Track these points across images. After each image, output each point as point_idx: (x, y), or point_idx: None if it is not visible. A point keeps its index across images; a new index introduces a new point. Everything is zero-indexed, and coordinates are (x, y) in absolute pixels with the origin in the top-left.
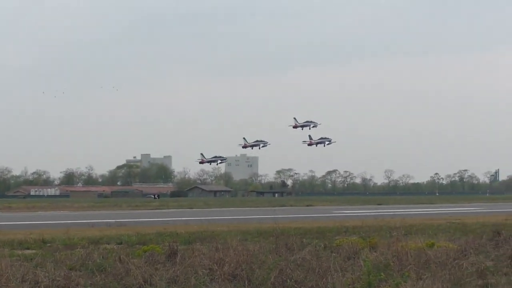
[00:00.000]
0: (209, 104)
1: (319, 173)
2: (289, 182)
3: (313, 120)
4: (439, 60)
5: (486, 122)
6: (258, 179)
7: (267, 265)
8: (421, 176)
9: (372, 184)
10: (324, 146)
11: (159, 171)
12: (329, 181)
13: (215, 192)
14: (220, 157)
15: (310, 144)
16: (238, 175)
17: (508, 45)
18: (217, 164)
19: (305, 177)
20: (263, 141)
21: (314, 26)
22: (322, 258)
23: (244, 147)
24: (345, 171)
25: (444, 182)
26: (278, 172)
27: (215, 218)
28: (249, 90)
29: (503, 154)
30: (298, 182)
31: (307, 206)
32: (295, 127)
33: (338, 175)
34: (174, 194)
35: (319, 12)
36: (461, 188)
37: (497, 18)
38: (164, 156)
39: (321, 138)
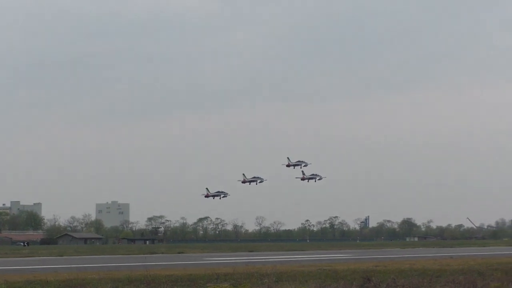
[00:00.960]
0: (79, 150)
1: (190, 220)
2: (161, 229)
3: (304, 160)
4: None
5: (356, 170)
6: (130, 226)
7: None
8: (292, 223)
9: (244, 231)
10: (315, 181)
11: (29, 218)
12: (200, 228)
13: (85, 239)
14: (223, 192)
15: (303, 179)
16: (109, 222)
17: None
18: (220, 198)
19: (177, 224)
20: (260, 178)
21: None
22: None
23: (243, 182)
24: (217, 218)
25: (315, 228)
26: (150, 219)
27: (86, 266)
28: (123, 137)
29: (372, 202)
30: (170, 229)
31: (179, 253)
32: (288, 165)
33: (209, 222)
34: (44, 242)
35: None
36: (332, 235)
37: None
38: (34, 203)
39: (313, 174)
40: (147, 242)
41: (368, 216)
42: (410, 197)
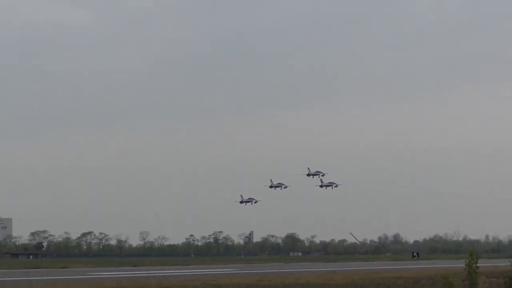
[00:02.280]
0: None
1: (74, 235)
2: (44, 243)
3: (321, 171)
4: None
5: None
6: (12, 241)
7: None
8: (176, 238)
9: (128, 245)
10: (332, 188)
11: None
12: (84, 243)
13: None
14: (253, 199)
15: (321, 186)
16: None
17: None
18: (252, 204)
19: (60, 239)
20: (283, 184)
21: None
22: None
23: (271, 187)
24: (100, 233)
25: (200, 243)
26: (33, 233)
27: None
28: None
29: (256, 217)
30: (53, 243)
31: (62, 267)
32: (308, 175)
33: (93, 236)
34: None
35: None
36: (216, 250)
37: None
38: None
39: (330, 182)
40: (31, 256)
41: (253, 231)
42: (294, 212)
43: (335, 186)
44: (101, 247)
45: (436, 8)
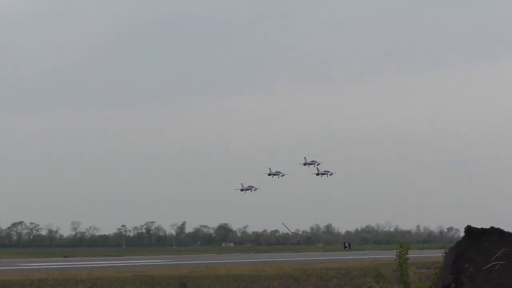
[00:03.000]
0: None
1: (4, 225)
2: None
3: (317, 160)
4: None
5: (173, 176)
6: None
7: None
8: (108, 228)
9: (59, 236)
10: (328, 176)
11: None
12: (14, 233)
13: None
14: (253, 187)
15: (317, 174)
16: None
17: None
18: (251, 191)
19: None
20: (281, 172)
21: None
22: None
23: (269, 174)
24: (31, 223)
25: (131, 234)
26: None
27: None
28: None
29: (189, 207)
30: None
31: None
32: (305, 164)
33: (24, 227)
34: None
35: None
36: (148, 240)
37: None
38: None
39: (325, 171)
40: None
41: (185, 221)
42: (226, 202)
43: (330, 174)
44: (31, 237)
45: None
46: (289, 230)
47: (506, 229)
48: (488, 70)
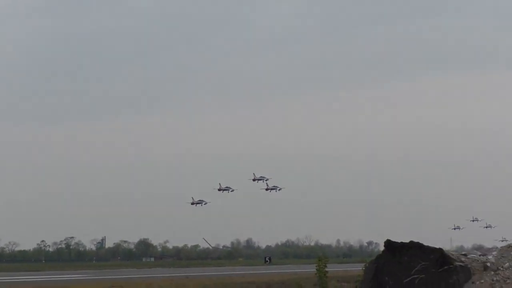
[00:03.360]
0: None
1: None
2: None
3: (265, 176)
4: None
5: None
6: None
7: None
8: (27, 244)
9: None
10: (276, 191)
11: None
12: None
13: None
14: (230, 187)
15: (267, 189)
16: None
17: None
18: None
19: None
20: (230, 187)
21: None
22: None
23: (220, 190)
24: None
25: (51, 249)
26: None
27: None
28: None
29: (109, 222)
30: None
31: None
32: (254, 180)
33: None
34: None
35: None
36: (68, 256)
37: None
38: None
39: (274, 186)
40: None
41: (105, 237)
42: (147, 217)
43: (279, 190)
44: None
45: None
46: (210, 245)
47: (425, 243)
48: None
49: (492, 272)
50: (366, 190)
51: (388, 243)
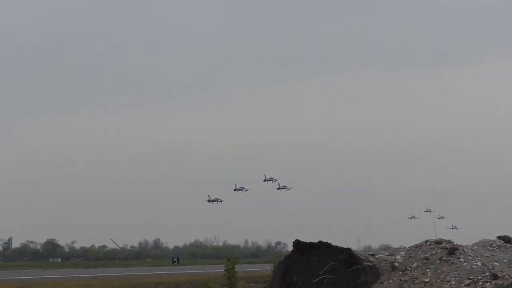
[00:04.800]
0: None
1: None
2: None
3: (274, 177)
4: None
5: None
6: None
7: None
8: None
9: None
10: (286, 190)
11: None
12: None
13: None
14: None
15: (278, 188)
16: None
17: None
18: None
19: None
20: (244, 187)
21: None
22: None
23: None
24: None
25: None
26: None
27: None
28: None
29: (15, 222)
30: None
31: None
32: (264, 180)
33: None
34: None
35: None
36: None
37: None
38: None
39: (284, 185)
40: None
41: (11, 237)
42: (54, 217)
43: (288, 189)
44: None
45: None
46: (117, 245)
47: (334, 243)
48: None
49: (400, 272)
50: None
51: (297, 243)
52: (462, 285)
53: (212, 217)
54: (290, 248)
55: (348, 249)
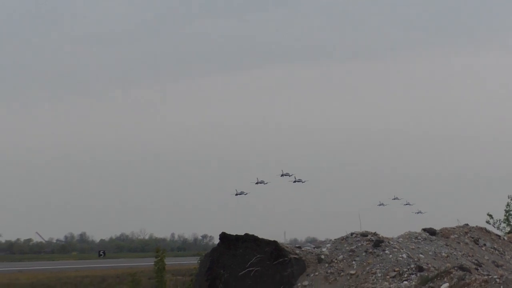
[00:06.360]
0: None
1: None
2: None
3: (289, 172)
4: None
5: None
6: None
7: None
8: None
9: None
10: (302, 182)
11: None
12: None
13: None
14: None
15: (294, 181)
16: None
17: None
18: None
19: None
20: (264, 181)
21: None
22: None
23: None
24: None
25: None
26: None
27: None
28: None
29: None
30: None
31: None
32: (282, 175)
33: None
34: None
35: None
36: None
37: None
38: None
39: (299, 179)
40: None
41: None
42: None
43: (303, 182)
44: None
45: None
46: (43, 239)
47: (260, 236)
48: None
49: (327, 265)
50: (208, 184)
51: (223, 236)
52: (388, 277)
53: (138, 210)
54: (216, 241)
55: (275, 242)
